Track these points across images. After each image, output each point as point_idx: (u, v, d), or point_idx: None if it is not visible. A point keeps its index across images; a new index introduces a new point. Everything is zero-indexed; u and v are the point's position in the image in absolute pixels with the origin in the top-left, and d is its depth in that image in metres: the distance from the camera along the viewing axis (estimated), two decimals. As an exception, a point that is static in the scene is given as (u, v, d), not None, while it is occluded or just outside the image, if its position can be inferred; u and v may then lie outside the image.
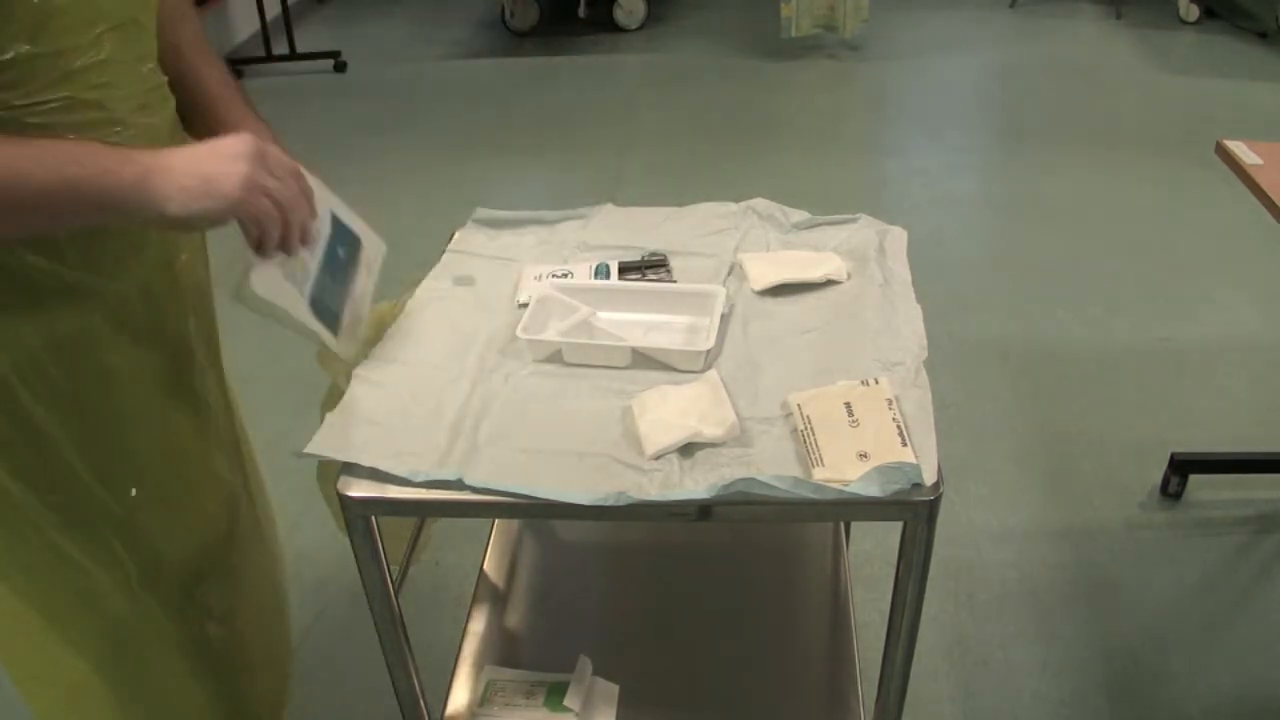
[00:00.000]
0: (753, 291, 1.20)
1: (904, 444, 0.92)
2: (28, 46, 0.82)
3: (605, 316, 1.16)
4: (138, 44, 0.95)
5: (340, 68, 4.84)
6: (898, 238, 1.30)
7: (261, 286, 0.92)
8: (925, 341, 1.08)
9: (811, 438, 0.94)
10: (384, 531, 0.99)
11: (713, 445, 0.95)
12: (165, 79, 1.01)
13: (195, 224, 0.90)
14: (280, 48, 4.85)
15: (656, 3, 5.26)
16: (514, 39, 5.18)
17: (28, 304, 0.92)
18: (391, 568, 1.02)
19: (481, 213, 1.40)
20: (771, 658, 1.35)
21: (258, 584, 1.29)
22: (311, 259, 1.00)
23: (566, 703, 1.22)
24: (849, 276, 1.22)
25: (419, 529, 1.26)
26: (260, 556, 1.31)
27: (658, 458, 0.94)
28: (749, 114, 4.17)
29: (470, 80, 4.70)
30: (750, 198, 1.40)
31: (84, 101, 0.88)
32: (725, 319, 1.14)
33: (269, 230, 0.92)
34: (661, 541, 1.53)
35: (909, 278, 1.20)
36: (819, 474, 0.90)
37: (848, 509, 0.99)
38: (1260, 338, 2.60)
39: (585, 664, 1.26)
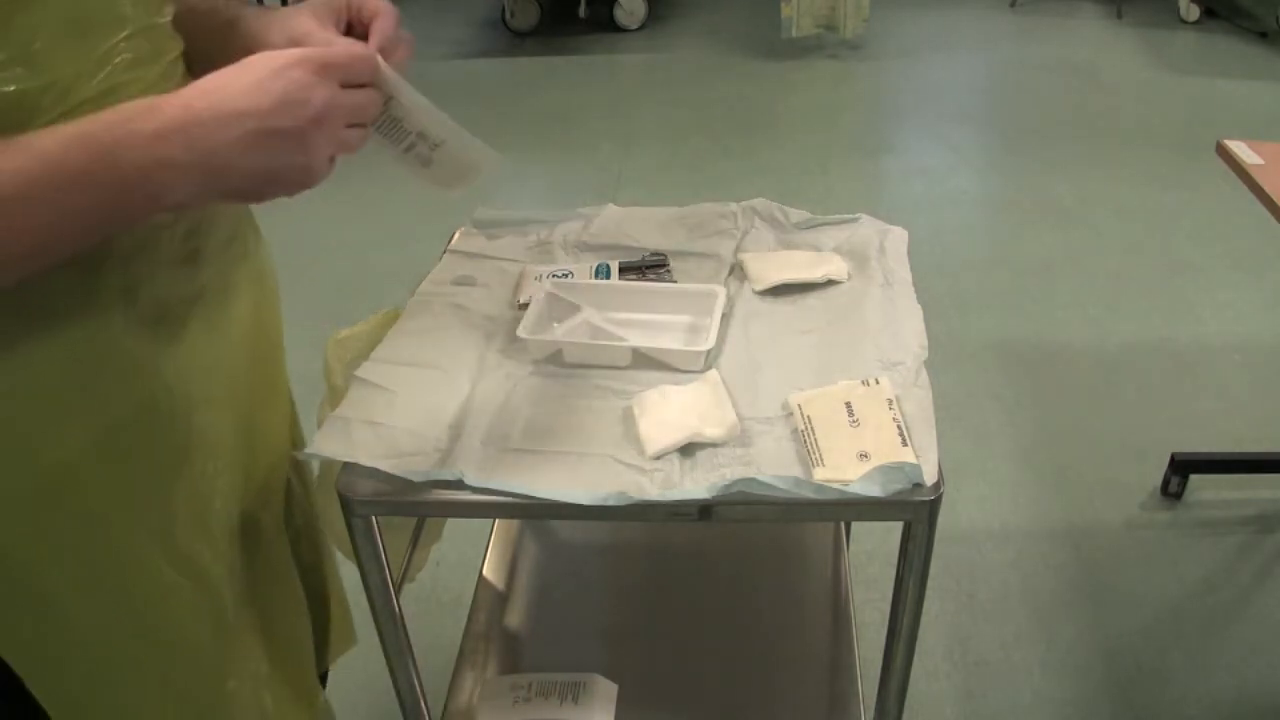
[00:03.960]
0: (753, 291, 1.20)
1: (905, 444, 0.92)
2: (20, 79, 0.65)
3: (606, 316, 1.16)
4: (152, 61, 0.77)
5: (340, 67, 4.83)
6: (898, 238, 1.29)
7: None
8: (926, 341, 1.07)
9: (812, 438, 0.94)
10: (384, 531, 0.99)
11: (713, 445, 0.95)
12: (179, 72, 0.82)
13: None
14: (280, 47, 4.85)
15: (656, 3, 5.25)
16: (514, 39, 5.18)
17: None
18: (391, 567, 1.02)
19: (481, 213, 1.40)
20: (771, 658, 1.35)
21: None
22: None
23: None
24: (849, 276, 1.22)
25: (419, 529, 1.26)
26: None
27: (658, 458, 0.94)
28: (749, 114, 4.17)
29: (470, 80, 4.70)
30: (751, 197, 1.40)
31: None
32: (725, 319, 1.14)
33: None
34: (661, 541, 1.53)
35: (909, 278, 1.20)
36: (820, 474, 0.90)
37: (848, 509, 0.99)
38: (1260, 338, 2.60)
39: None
